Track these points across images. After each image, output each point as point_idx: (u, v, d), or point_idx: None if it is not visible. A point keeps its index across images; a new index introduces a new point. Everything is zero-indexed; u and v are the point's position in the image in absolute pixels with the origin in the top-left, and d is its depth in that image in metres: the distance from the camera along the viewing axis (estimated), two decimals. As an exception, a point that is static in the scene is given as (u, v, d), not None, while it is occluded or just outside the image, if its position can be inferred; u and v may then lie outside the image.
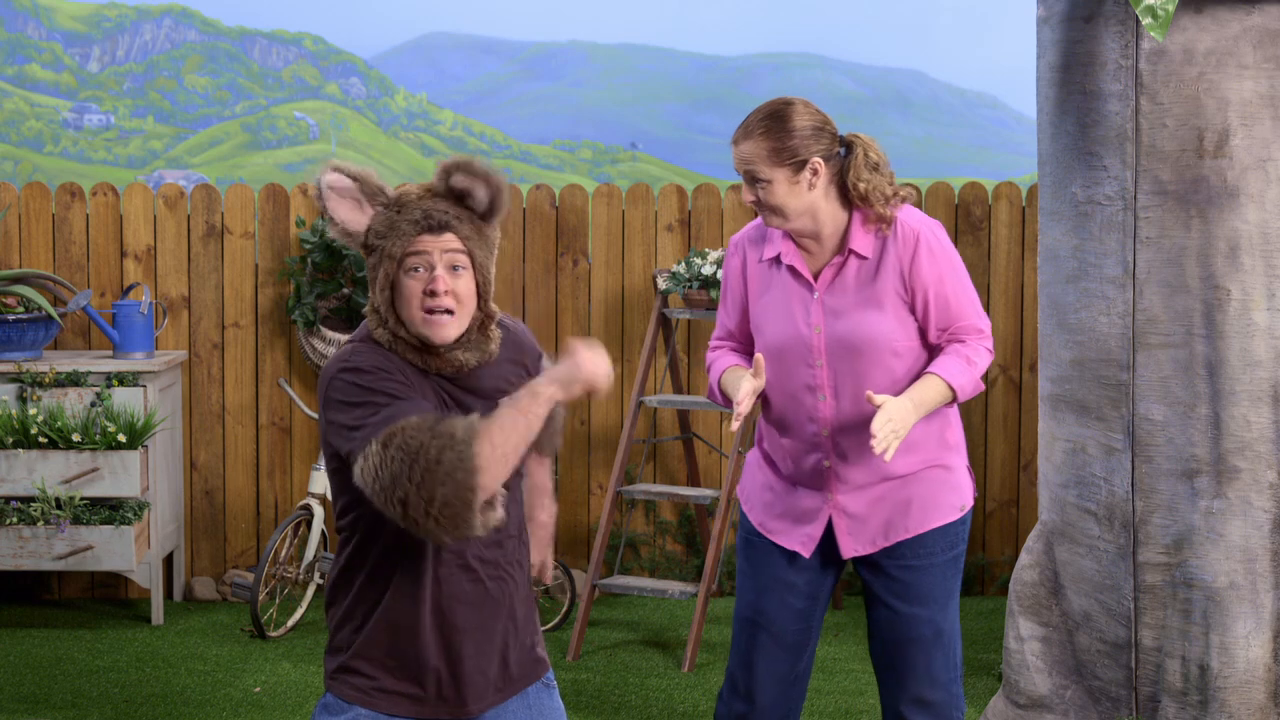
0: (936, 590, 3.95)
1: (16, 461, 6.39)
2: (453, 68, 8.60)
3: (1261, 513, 4.75)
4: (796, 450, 3.94)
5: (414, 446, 2.87)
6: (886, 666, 4.00)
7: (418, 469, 2.86)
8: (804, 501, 3.95)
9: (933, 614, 3.95)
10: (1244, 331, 4.71)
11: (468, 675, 3.16)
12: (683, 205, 7.14)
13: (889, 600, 3.95)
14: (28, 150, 8.26)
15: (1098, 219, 4.85)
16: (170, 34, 8.40)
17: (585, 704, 5.71)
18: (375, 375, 3.01)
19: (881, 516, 3.93)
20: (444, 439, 2.87)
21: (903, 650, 3.96)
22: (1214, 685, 4.75)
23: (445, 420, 2.91)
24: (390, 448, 2.88)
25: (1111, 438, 4.87)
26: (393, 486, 2.87)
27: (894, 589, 3.95)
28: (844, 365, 3.85)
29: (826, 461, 3.90)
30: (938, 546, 3.95)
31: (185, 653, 6.29)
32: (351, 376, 3.02)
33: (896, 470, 3.90)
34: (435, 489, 2.86)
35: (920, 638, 3.94)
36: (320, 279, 6.97)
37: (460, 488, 2.87)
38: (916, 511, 3.93)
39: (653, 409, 7.03)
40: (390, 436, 2.89)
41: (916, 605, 3.94)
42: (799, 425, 3.91)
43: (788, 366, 3.89)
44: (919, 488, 3.93)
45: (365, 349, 3.08)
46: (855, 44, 8.47)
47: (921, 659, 3.95)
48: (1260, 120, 4.68)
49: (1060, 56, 4.92)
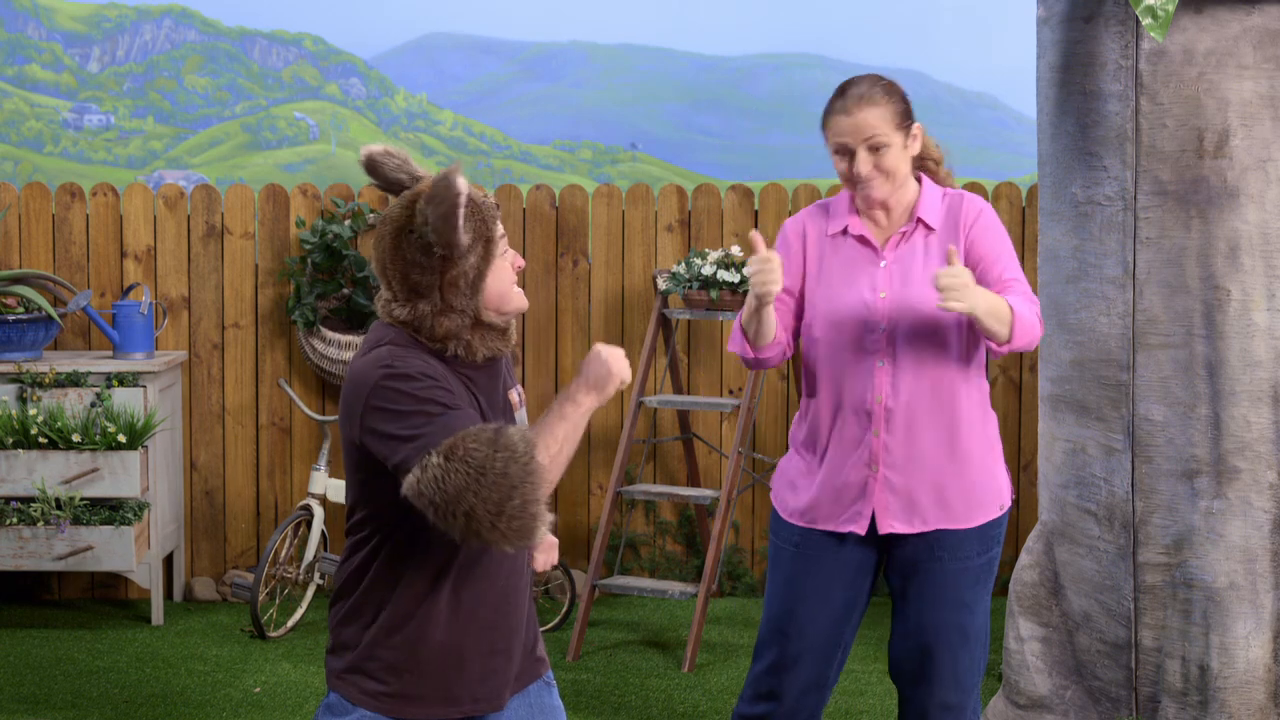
0: (969, 593, 3.94)
1: (16, 462, 6.39)
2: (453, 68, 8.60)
3: (1261, 513, 4.75)
4: (846, 422, 3.92)
5: (479, 460, 2.90)
6: (913, 669, 3.99)
7: (485, 483, 2.89)
8: (850, 477, 3.92)
9: (963, 618, 3.94)
10: (1244, 332, 4.71)
11: (479, 675, 3.16)
12: (683, 205, 7.14)
13: (921, 602, 3.95)
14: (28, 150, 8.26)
15: (1098, 219, 4.86)
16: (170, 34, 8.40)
17: (585, 704, 5.72)
18: (424, 383, 3.01)
19: (927, 497, 3.91)
20: (507, 452, 2.91)
21: (932, 653, 3.95)
22: (1214, 686, 4.75)
23: (503, 432, 2.94)
24: (454, 460, 2.90)
25: (1111, 438, 4.87)
26: (457, 500, 2.89)
27: (928, 591, 3.94)
28: (905, 333, 3.86)
29: (877, 431, 3.89)
30: (974, 549, 3.94)
31: (185, 653, 6.29)
32: (400, 384, 3.01)
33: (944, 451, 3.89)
34: (504, 503, 2.90)
35: (950, 641, 3.94)
36: (320, 279, 6.97)
37: (528, 500, 2.92)
38: (961, 504, 3.91)
39: (653, 409, 7.02)
40: (452, 449, 2.91)
41: (949, 608, 3.93)
42: (853, 394, 3.90)
43: (846, 334, 3.90)
44: (966, 477, 3.92)
45: (405, 353, 3.07)
46: (855, 44, 8.47)
47: (949, 662, 3.95)
48: (1260, 121, 4.68)
49: (1060, 57, 4.92)
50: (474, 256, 3.10)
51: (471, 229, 3.09)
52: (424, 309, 3.10)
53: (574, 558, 7.15)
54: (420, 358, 3.07)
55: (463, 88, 8.56)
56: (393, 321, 3.13)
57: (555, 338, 7.11)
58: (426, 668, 3.14)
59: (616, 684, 5.95)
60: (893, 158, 3.86)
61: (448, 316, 3.10)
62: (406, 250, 3.09)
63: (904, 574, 3.97)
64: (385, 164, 3.19)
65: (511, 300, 3.17)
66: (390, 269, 3.11)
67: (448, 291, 3.09)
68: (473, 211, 3.09)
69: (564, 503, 7.15)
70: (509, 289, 3.16)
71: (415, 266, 3.09)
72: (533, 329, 7.09)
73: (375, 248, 3.15)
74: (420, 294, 3.10)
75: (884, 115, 3.85)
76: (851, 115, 3.85)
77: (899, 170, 3.88)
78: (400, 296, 3.11)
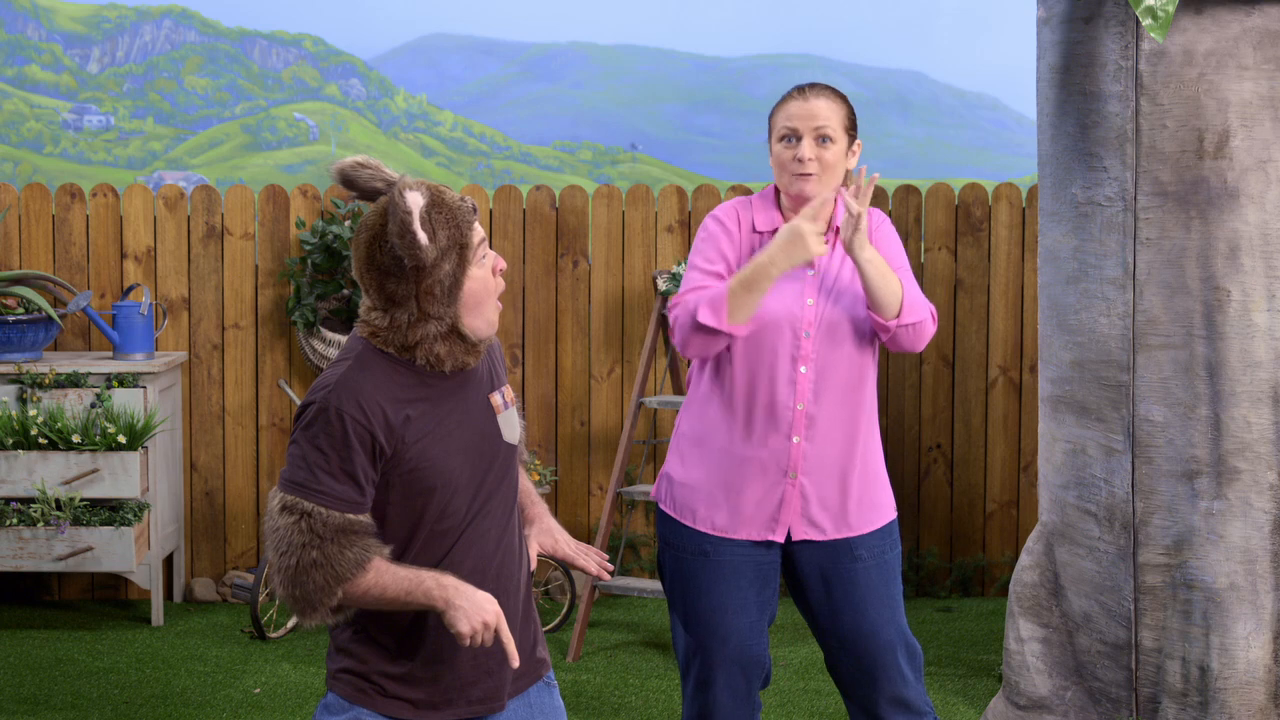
0: (893, 587, 4.02)
1: (16, 463, 6.39)
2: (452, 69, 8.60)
3: (1261, 514, 4.75)
4: (763, 427, 3.93)
5: (298, 540, 3.01)
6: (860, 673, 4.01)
7: (287, 560, 3.02)
8: (768, 484, 3.93)
9: (896, 613, 4.00)
10: (1244, 332, 4.71)
11: (474, 675, 3.16)
12: (682, 206, 7.14)
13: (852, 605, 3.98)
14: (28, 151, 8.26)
15: (1098, 220, 4.86)
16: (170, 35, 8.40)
17: (585, 705, 5.72)
18: (341, 436, 3.03)
19: (841, 503, 3.96)
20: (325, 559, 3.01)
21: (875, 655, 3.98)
22: (1214, 686, 4.75)
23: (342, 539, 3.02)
24: (287, 516, 3.03)
25: (1112, 439, 4.87)
26: (271, 548, 3.05)
27: (856, 594, 3.97)
28: (828, 341, 3.91)
29: (796, 438, 3.91)
30: (885, 545, 4.03)
31: (185, 654, 6.29)
32: (321, 421, 3.05)
33: (854, 457, 3.96)
34: (293, 588, 3.03)
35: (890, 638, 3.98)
36: (320, 280, 6.97)
37: (311, 601, 3.04)
38: (870, 509, 4.00)
39: (653, 410, 7.02)
40: (293, 506, 3.04)
41: (882, 605, 3.98)
42: (772, 398, 3.91)
43: (770, 339, 3.91)
44: (874, 482, 4.02)
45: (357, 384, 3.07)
46: (855, 45, 8.47)
47: (893, 659, 3.98)
48: (1260, 121, 4.68)
49: (1060, 58, 4.93)
50: (448, 264, 3.07)
51: (445, 235, 3.05)
52: (401, 317, 3.08)
53: (574, 558, 7.15)
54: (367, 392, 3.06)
55: (463, 88, 8.56)
56: (370, 330, 3.12)
57: (555, 338, 7.11)
58: (421, 669, 3.14)
59: (617, 685, 5.95)
60: (834, 154, 3.94)
61: (424, 324, 3.09)
62: (380, 260, 3.07)
63: (824, 579, 4.00)
64: (358, 176, 3.17)
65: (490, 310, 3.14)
66: (367, 278, 3.10)
67: (424, 300, 3.07)
68: (447, 217, 3.06)
69: (564, 503, 7.15)
70: (487, 297, 3.13)
71: (390, 276, 3.08)
72: (533, 330, 7.09)
73: (353, 256, 3.13)
74: (397, 302, 3.08)
75: (838, 112, 3.95)
76: (809, 101, 3.94)
77: (835, 170, 3.95)
78: (379, 304, 3.10)
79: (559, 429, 7.15)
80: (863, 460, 3.98)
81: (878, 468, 4.05)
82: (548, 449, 7.14)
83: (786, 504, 3.94)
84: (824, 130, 3.92)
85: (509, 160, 8.45)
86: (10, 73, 8.28)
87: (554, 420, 7.15)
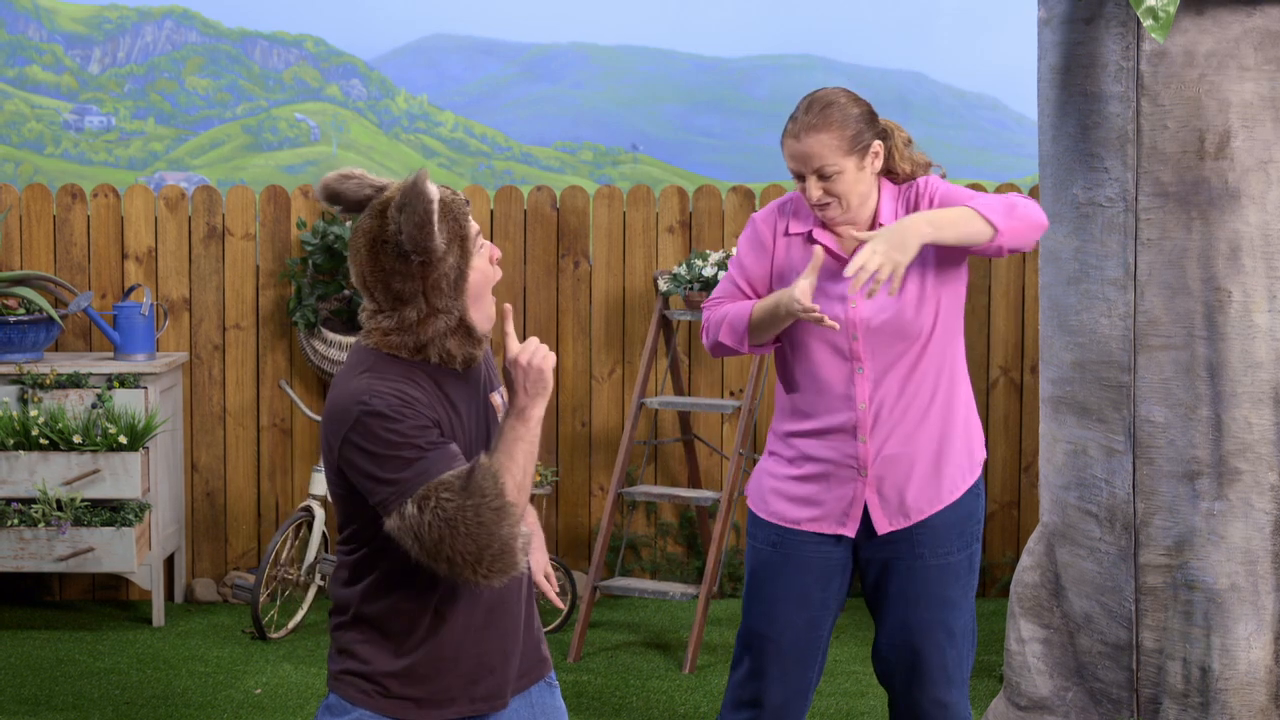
0: (953, 590, 3.98)
1: (17, 463, 6.39)
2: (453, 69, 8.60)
3: (1263, 514, 4.75)
4: (830, 428, 3.94)
5: (450, 511, 2.95)
6: (902, 669, 4.00)
7: (460, 534, 2.95)
8: (839, 483, 3.95)
9: (947, 615, 3.97)
10: (1245, 333, 4.71)
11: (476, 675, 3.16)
12: (683, 207, 7.14)
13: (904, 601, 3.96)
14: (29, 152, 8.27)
15: (1099, 221, 4.86)
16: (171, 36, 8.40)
17: (586, 705, 5.72)
18: (402, 423, 3.01)
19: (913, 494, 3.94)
20: (478, 498, 2.96)
21: (920, 652, 3.97)
22: (1215, 687, 4.75)
23: (474, 477, 2.97)
24: (426, 512, 2.96)
25: (1113, 439, 4.87)
26: (436, 550, 2.97)
27: (910, 590, 3.96)
28: (878, 340, 3.89)
29: (863, 438, 3.91)
30: (954, 545, 3.98)
31: (186, 654, 6.29)
32: (377, 423, 3.01)
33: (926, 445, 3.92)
34: (482, 551, 2.96)
35: (937, 639, 3.96)
36: (321, 280, 6.97)
37: (505, 541, 2.98)
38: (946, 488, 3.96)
39: (654, 410, 7.03)
40: (424, 500, 2.96)
41: (933, 605, 3.96)
42: (835, 401, 3.92)
43: (820, 345, 3.92)
44: (949, 463, 3.96)
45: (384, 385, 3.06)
46: (855, 45, 8.47)
47: (938, 659, 3.96)
48: (1261, 122, 4.69)
49: (1061, 58, 4.93)
50: (452, 257, 3.10)
51: (446, 230, 3.08)
52: (410, 315, 3.10)
53: (575, 559, 7.15)
54: (398, 386, 3.06)
55: (463, 89, 8.57)
56: (378, 335, 3.12)
57: (556, 339, 7.11)
58: (424, 669, 3.14)
59: (618, 685, 5.95)
60: (845, 183, 3.86)
61: (434, 319, 3.10)
62: (384, 260, 3.09)
63: (883, 573, 3.99)
64: (345, 188, 3.19)
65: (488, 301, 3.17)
66: (371, 280, 3.11)
67: (431, 295, 3.09)
68: (445, 212, 3.09)
69: (565, 504, 7.15)
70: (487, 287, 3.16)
71: (395, 275, 3.09)
72: (533, 330, 7.09)
73: (352, 261, 3.14)
74: (404, 300, 3.09)
75: (832, 143, 3.84)
76: (801, 142, 3.86)
77: (852, 193, 3.88)
78: (385, 306, 3.10)
79: (560, 429, 7.15)
80: (943, 442, 3.94)
81: (963, 439, 3.96)
82: (548, 449, 7.14)
83: (858, 501, 3.95)
84: (823, 169, 3.85)
85: (510, 161, 8.45)
86: (11, 73, 8.28)
87: (555, 420, 7.15)
